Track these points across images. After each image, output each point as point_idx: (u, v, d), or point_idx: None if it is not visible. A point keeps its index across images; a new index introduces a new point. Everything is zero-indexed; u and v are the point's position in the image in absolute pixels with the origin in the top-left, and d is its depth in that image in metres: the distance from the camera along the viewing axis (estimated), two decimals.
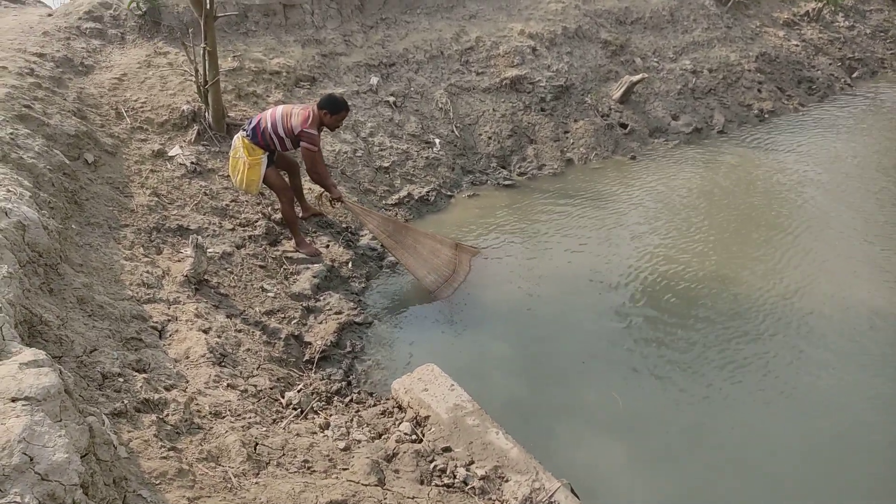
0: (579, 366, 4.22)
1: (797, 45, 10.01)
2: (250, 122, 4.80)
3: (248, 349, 3.75)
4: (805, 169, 7.00)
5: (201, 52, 5.34)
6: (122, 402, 2.55)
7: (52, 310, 2.83)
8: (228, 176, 5.40)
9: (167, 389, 2.91)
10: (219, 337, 3.65)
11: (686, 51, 9.06)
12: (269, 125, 4.68)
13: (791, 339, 4.36)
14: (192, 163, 5.32)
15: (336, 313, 4.55)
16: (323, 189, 5.07)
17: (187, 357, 3.34)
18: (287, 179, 5.16)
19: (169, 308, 3.72)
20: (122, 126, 5.34)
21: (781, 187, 6.62)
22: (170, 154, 5.32)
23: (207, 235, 4.75)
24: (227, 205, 5.16)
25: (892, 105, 9.01)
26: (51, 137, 4.44)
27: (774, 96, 8.92)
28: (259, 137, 4.69)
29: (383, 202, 6.19)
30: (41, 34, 5.97)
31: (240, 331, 3.90)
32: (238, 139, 4.74)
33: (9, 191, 3.18)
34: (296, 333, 4.19)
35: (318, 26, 7.40)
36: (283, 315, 4.34)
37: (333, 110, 4.70)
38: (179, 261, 4.31)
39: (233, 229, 4.95)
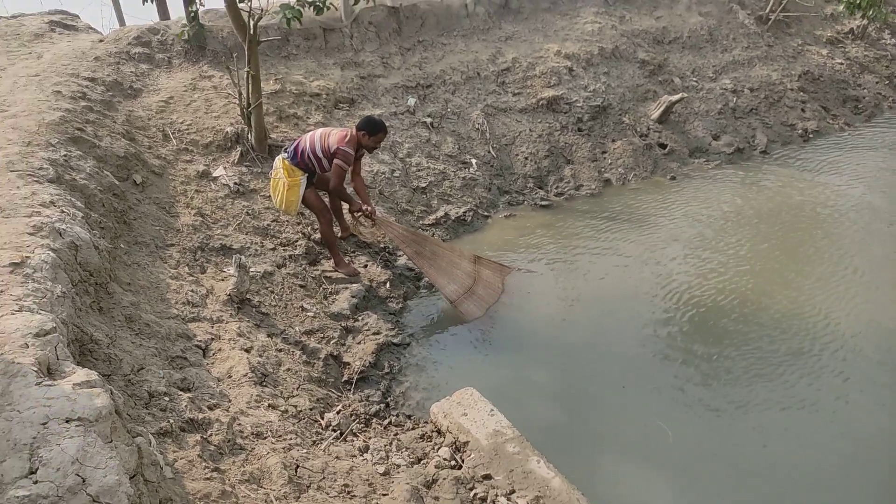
0: (619, 391, 4.13)
1: (841, 64, 9.80)
2: (292, 144, 4.89)
3: (289, 369, 3.77)
4: (853, 192, 6.80)
5: (245, 75, 5.47)
6: (168, 421, 2.58)
7: (102, 328, 2.89)
8: (270, 196, 5.50)
9: (210, 409, 2.94)
10: (260, 356, 3.68)
11: (726, 70, 8.94)
12: (307, 146, 4.76)
13: (845, 371, 4.20)
14: (235, 183, 5.42)
15: (374, 333, 4.56)
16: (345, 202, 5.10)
17: (230, 376, 3.37)
18: (328, 200, 5.22)
19: (212, 326, 3.78)
20: (169, 147, 5.49)
21: (828, 211, 6.43)
22: (214, 175, 5.44)
23: (249, 255, 4.82)
24: (268, 224, 5.24)
25: None
26: (101, 159, 4.58)
27: (819, 116, 8.71)
28: (299, 159, 4.77)
29: (420, 222, 6.21)
30: (93, 59, 6.20)
31: (280, 350, 3.93)
32: (279, 160, 4.82)
33: (63, 211, 3.28)
34: (335, 353, 4.21)
35: (356, 49, 7.53)
36: (322, 335, 4.36)
37: (372, 131, 4.75)
38: (223, 279, 4.38)
39: (274, 249, 5.01)
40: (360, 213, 5.00)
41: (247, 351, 3.67)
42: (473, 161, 7.05)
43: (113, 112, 5.45)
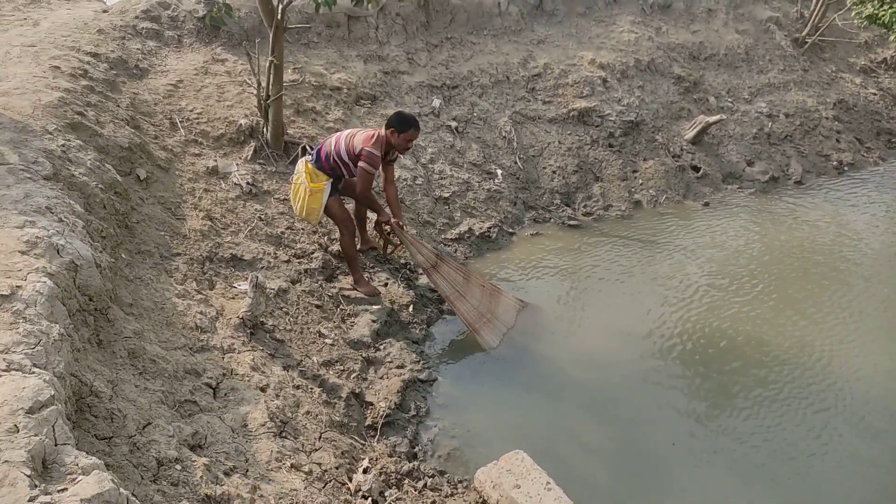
0: (669, 449, 3.72)
1: (875, 94, 9.47)
2: (313, 149, 4.39)
3: (308, 412, 3.30)
4: (885, 234, 6.45)
5: (267, 64, 4.95)
6: (181, 501, 2.10)
7: (103, 373, 2.40)
8: (285, 199, 5.01)
9: (227, 475, 2.46)
10: (277, 397, 3.20)
11: (761, 92, 8.55)
12: (333, 149, 4.27)
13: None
14: (247, 183, 4.91)
15: (398, 367, 4.10)
16: (375, 213, 4.62)
17: (245, 425, 2.90)
18: (352, 209, 4.74)
19: (223, 358, 3.29)
20: (176, 138, 4.95)
21: (868, 251, 6.06)
22: (224, 172, 4.92)
23: (262, 267, 4.32)
24: (282, 232, 4.74)
25: None
26: (103, 150, 4.05)
27: (853, 147, 8.37)
28: (324, 162, 4.28)
29: (442, 236, 5.74)
30: (96, 31, 5.62)
31: (298, 387, 3.46)
32: (302, 163, 4.32)
33: (61, 220, 2.77)
34: (356, 391, 3.74)
35: (381, 42, 7.01)
36: (342, 367, 3.89)
37: (402, 128, 4.24)
38: (233, 297, 3.89)
39: (288, 261, 4.52)
40: (387, 227, 4.53)
41: (262, 390, 3.19)
42: (499, 172, 6.59)
43: (117, 94, 4.90)
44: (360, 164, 4.15)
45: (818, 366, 4.39)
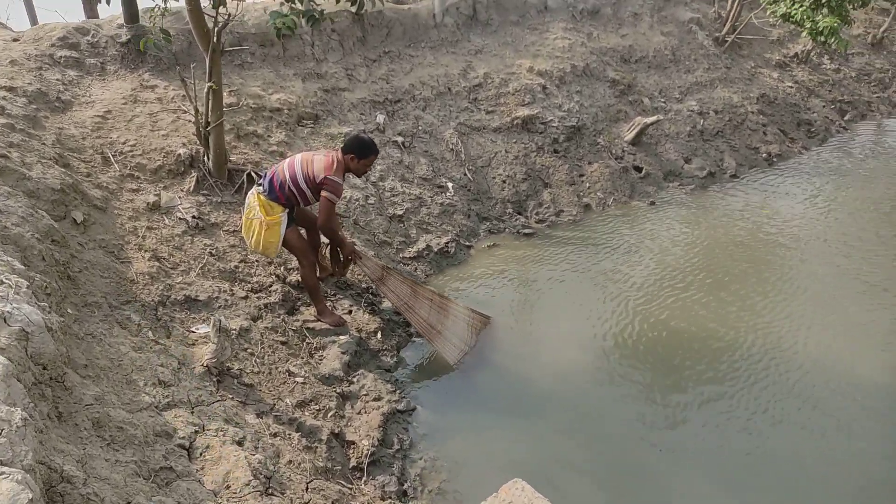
0: (657, 456, 3.72)
1: (791, 87, 9.98)
2: (265, 176, 4.17)
3: (290, 461, 3.09)
4: (830, 217, 6.77)
5: (205, 89, 4.68)
6: None
7: (71, 452, 2.14)
8: (235, 231, 4.74)
9: None
10: (256, 449, 2.99)
11: (691, 91, 8.85)
12: (287, 177, 4.06)
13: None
14: (192, 217, 4.62)
15: (375, 400, 3.93)
16: (333, 244, 4.46)
17: (228, 486, 2.67)
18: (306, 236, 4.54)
19: (193, 413, 3.04)
20: (111, 174, 4.61)
21: (809, 238, 6.34)
22: (166, 206, 4.61)
23: (219, 306, 4.06)
24: (235, 266, 4.48)
25: (891, 148, 9.01)
26: (33, 194, 3.69)
27: (779, 139, 8.78)
28: (278, 192, 4.06)
29: (400, 255, 5.61)
30: (8, 63, 5.18)
31: (275, 434, 3.25)
32: (252, 196, 4.09)
33: (3, 282, 2.47)
34: (336, 431, 3.55)
35: (318, 59, 6.80)
36: (317, 406, 3.69)
37: (361, 154, 4.12)
38: (194, 343, 3.62)
39: (246, 297, 4.27)
40: (350, 257, 4.37)
41: (239, 444, 2.97)
42: (450, 185, 6.51)
43: (40, 131, 4.51)
44: (324, 193, 3.98)
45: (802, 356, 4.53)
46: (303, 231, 4.58)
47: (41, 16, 6.74)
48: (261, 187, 4.12)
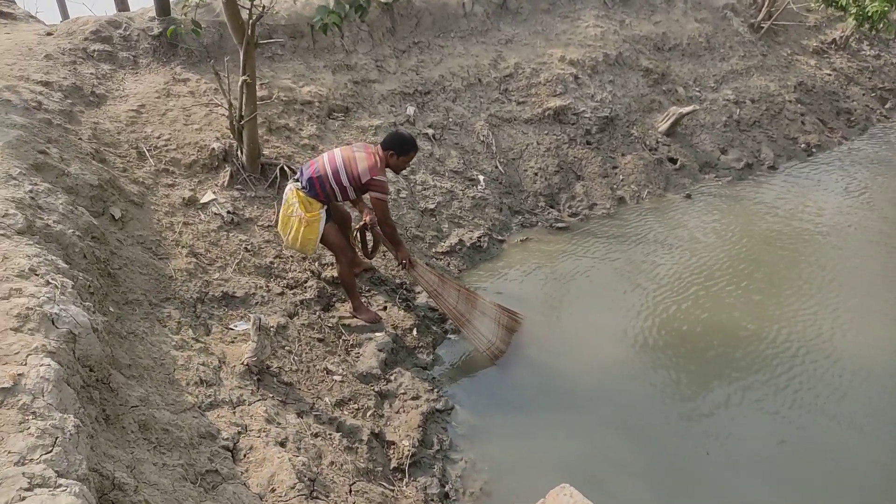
0: (704, 459, 3.63)
1: (829, 75, 9.69)
2: (301, 172, 4.11)
3: (332, 462, 3.06)
4: (872, 213, 6.55)
5: (239, 83, 4.63)
6: None
7: (120, 458, 2.11)
8: (269, 226, 4.71)
9: None
10: (299, 451, 2.95)
11: (726, 80, 8.62)
12: (329, 174, 3.99)
13: None
14: (228, 212, 4.59)
15: (413, 399, 3.88)
16: (384, 240, 4.38)
17: (273, 490, 2.64)
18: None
19: (235, 413, 3.02)
20: (146, 169, 4.59)
21: (854, 232, 6.14)
22: (202, 201, 4.58)
23: (255, 303, 4.03)
24: (271, 262, 4.45)
25: None
26: (72, 191, 3.68)
27: (818, 129, 8.53)
28: (318, 188, 4.01)
29: (433, 250, 5.54)
30: (43, 57, 5.18)
31: (316, 435, 3.21)
32: (292, 192, 4.03)
33: (49, 282, 2.45)
34: (376, 431, 3.51)
35: (348, 50, 6.73)
36: (356, 405, 3.65)
37: (401, 151, 4.07)
38: (232, 341, 3.60)
39: (282, 293, 4.24)
40: (403, 263, 4.31)
41: (282, 445, 2.94)
42: (481, 178, 6.41)
43: (76, 125, 4.50)
44: (374, 194, 3.97)
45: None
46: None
47: (71, 9, 6.73)
48: (298, 183, 4.07)
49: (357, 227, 4.60)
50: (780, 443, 3.69)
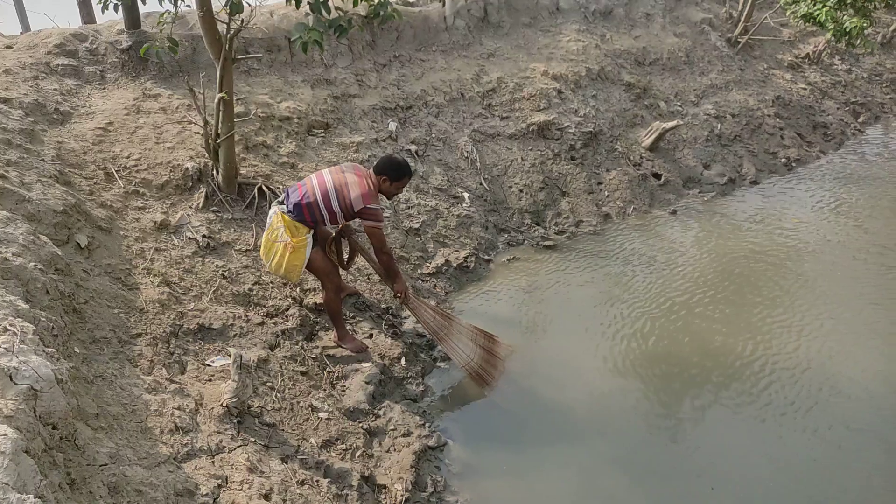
0: (709, 493, 3.48)
1: (805, 89, 9.77)
2: (287, 195, 3.89)
3: None
4: (856, 228, 6.54)
5: (216, 100, 4.39)
6: None
7: None
8: (247, 250, 4.47)
9: None
10: (284, 502, 2.72)
11: (706, 94, 8.62)
12: (318, 198, 3.76)
13: None
14: (203, 236, 4.34)
15: (404, 435, 3.66)
16: (388, 271, 4.11)
17: None
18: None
19: (214, 462, 2.77)
20: (115, 191, 4.32)
21: (838, 249, 6.11)
22: (175, 226, 4.32)
23: (234, 335, 3.79)
24: (250, 289, 4.20)
25: None
26: (34, 218, 3.41)
27: (797, 143, 8.56)
28: (306, 213, 3.78)
29: (419, 271, 5.34)
30: (2, 72, 4.88)
31: (303, 482, 2.97)
32: (276, 216, 3.80)
33: (7, 329, 2.19)
34: (366, 474, 3.28)
35: (327, 64, 6.52)
36: (343, 445, 3.42)
37: (395, 177, 3.86)
38: (210, 379, 3.35)
39: (262, 323, 4.00)
40: (398, 296, 4.09)
41: (266, 498, 2.70)
42: (466, 195, 6.24)
43: (38, 146, 4.21)
44: (368, 223, 3.76)
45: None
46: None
47: (33, 21, 6.41)
48: (284, 206, 3.84)
49: (332, 234, 4.31)
50: (782, 465, 3.57)
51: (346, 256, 4.37)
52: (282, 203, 3.85)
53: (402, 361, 4.26)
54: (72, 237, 3.60)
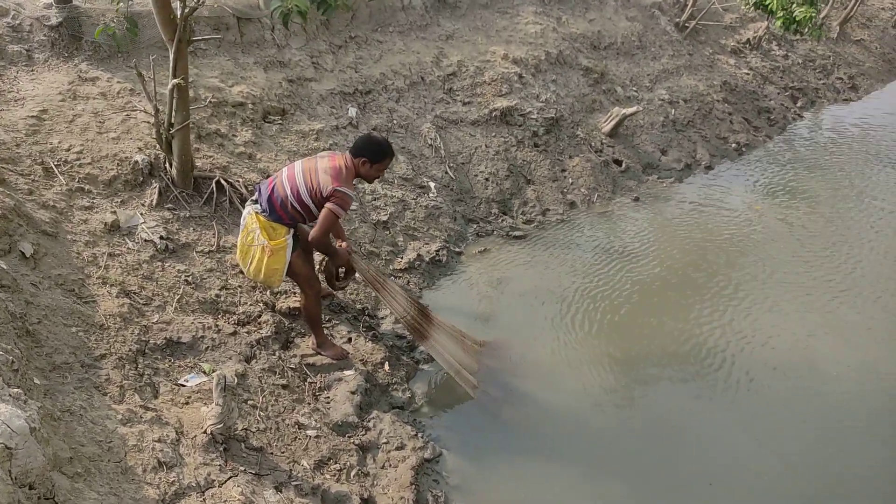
0: (707, 490, 3.47)
1: (748, 74, 10.00)
2: (259, 192, 3.55)
3: None
4: (812, 212, 6.75)
5: (169, 87, 3.96)
6: None
7: None
8: (210, 252, 4.10)
9: None
10: None
11: (659, 79, 8.66)
12: (288, 193, 3.44)
13: None
14: (160, 238, 3.93)
15: (398, 449, 3.45)
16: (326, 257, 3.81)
17: None
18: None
19: (206, 501, 2.48)
20: (56, 189, 3.84)
21: (797, 233, 6.28)
22: (128, 226, 3.89)
23: (206, 348, 3.46)
24: (217, 295, 3.85)
25: (850, 136, 9.18)
26: None
27: (745, 128, 8.75)
28: (279, 211, 3.46)
29: (391, 267, 5.09)
30: None
31: None
32: (251, 217, 3.47)
33: None
34: (365, 496, 3.06)
35: (280, 45, 6.08)
36: (337, 465, 3.18)
37: (376, 157, 3.48)
38: (187, 402, 3.03)
39: (234, 333, 3.67)
40: (343, 270, 3.82)
41: None
42: (432, 185, 6.01)
43: None
44: (330, 205, 3.33)
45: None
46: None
47: None
48: (258, 205, 3.50)
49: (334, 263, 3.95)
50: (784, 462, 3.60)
51: (336, 281, 3.95)
52: (255, 202, 3.51)
53: (386, 366, 4.03)
54: (14, 246, 3.16)
